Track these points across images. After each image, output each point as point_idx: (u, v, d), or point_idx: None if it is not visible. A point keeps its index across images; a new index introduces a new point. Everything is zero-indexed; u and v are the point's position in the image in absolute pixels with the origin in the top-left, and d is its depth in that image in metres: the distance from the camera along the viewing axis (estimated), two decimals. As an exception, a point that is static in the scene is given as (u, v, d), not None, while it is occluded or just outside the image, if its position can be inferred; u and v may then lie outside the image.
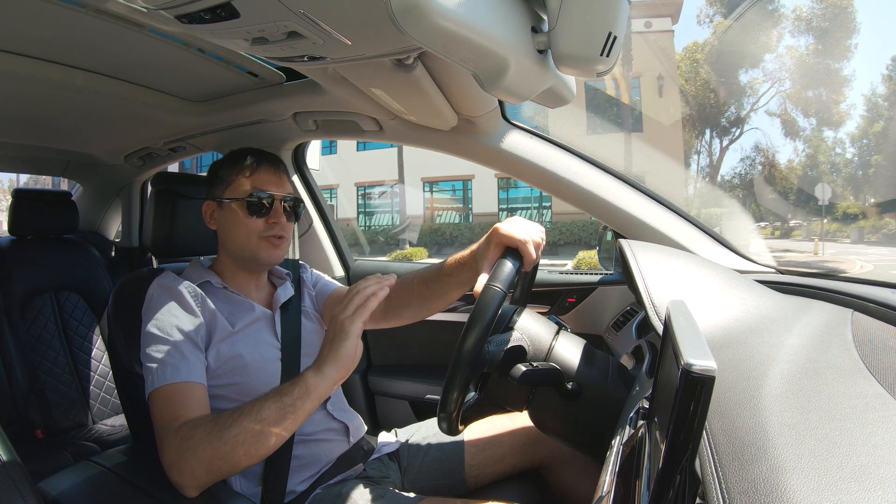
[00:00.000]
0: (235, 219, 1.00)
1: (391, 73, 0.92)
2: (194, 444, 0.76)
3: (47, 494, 0.86)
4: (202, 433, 0.76)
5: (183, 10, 0.69)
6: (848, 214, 15.22)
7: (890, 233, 14.11)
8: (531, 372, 0.79)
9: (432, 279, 1.04)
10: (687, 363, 0.38)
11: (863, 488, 0.35)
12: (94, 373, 1.88)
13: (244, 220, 1.00)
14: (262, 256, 1.02)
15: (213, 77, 1.17)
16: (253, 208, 0.99)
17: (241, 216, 1.00)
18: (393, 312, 1.11)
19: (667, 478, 0.41)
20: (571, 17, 0.65)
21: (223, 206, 1.02)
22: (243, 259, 1.04)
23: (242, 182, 1.01)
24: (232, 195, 1.01)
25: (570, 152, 1.27)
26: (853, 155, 16.57)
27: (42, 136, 1.63)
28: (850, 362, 0.55)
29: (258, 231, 1.00)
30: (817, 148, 16.76)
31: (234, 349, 0.95)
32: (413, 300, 1.08)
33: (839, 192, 15.85)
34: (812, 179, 16.11)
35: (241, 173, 1.02)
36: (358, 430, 1.08)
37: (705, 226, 1.26)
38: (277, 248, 1.03)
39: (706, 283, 0.82)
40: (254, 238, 1.00)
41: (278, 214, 1.01)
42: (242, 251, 1.02)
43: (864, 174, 16.17)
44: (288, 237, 1.06)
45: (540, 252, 0.91)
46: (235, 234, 1.01)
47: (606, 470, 0.63)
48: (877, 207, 15.02)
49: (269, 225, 1.01)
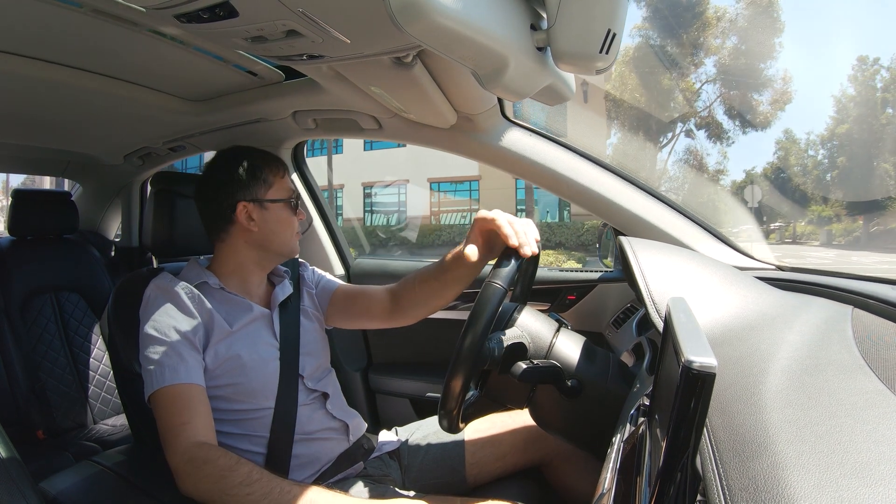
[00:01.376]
0: (282, 218, 1.05)
1: (390, 71, 0.92)
2: (199, 479, 0.78)
3: (47, 493, 0.87)
4: (209, 476, 0.78)
5: (181, 10, 0.69)
6: (822, 218, 15.22)
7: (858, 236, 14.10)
8: (532, 369, 0.79)
9: (431, 277, 1.04)
10: (687, 360, 0.38)
11: (863, 484, 0.35)
12: (94, 373, 1.88)
13: (290, 220, 1.06)
14: (296, 249, 1.09)
15: (212, 76, 1.17)
16: (292, 209, 1.07)
17: (287, 215, 1.05)
18: (399, 312, 1.10)
19: (668, 475, 0.41)
20: (570, 14, 0.65)
21: (267, 207, 1.03)
22: (281, 255, 1.08)
23: (282, 183, 1.06)
24: (276, 196, 1.04)
25: (570, 149, 1.27)
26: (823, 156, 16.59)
27: (42, 136, 1.63)
28: (851, 359, 0.55)
29: (296, 229, 1.08)
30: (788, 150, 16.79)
31: (232, 349, 0.95)
32: (417, 298, 1.08)
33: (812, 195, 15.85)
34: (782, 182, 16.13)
35: (278, 174, 1.06)
36: (358, 428, 1.08)
37: (705, 222, 1.26)
38: (299, 242, 1.11)
39: (706, 280, 0.82)
40: (294, 235, 1.07)
41: (302, 213, 1.10)
42: (286, 247, 1.07)
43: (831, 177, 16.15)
44: None
45: (539, 245, 0.90)
46: (283, 233, 1.05)
47: (607, 467, 0.64)
48: (845, 210, 15.03)
49: (299, 223, 1.09)
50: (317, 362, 1.07)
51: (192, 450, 0.80)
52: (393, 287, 1.12)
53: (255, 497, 0.75)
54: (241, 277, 1.05)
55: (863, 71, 15.66)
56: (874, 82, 15.53)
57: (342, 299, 1.16)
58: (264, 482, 0.77)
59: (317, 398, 1.04)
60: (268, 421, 0.96)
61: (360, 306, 1.14)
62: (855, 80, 15.99)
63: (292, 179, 1.11)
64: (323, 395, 1.05)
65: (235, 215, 1.01)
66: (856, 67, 15.92)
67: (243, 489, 0.75)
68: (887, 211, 14.33)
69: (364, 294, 1.15)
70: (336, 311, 1.16)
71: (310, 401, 1.02)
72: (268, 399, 0.96)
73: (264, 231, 1.03)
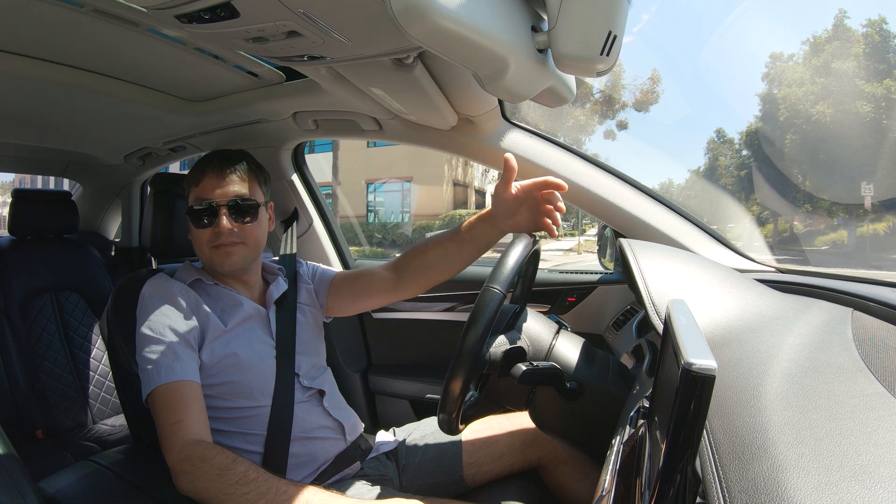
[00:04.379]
0: (191, 231, 1.01)
1: (391, 72, 0.92)
2: (196, 477, 0.77)
3: (45, 492, 0.87)
4: (206, 476, 0.77)
5: (182, 10, 0.69)
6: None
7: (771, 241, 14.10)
8: (531, 371, 0.79)
9: (449, 239, 1.04)
10: (687, 362, 0.38)
11: (863, 487, 0.35)
12: (94, 373, 1.88)
13: (194, 232, 1.00)
14: (217, 265, 1.01)
15: (213, 77, 1.17)
16: (196, 220, 0.99)
17: (191, 228, 1.01)
18: (405, 281, 1.09)
19: (667, 477, 0.41)
20: (571, 16, 0.65)
21: (188, 217, 1.02)
22: (212, 271, 1.04)
23: (191, 192, 1.01)
24: (189, 205, 1.01)
25: (571, 151, 1.27)
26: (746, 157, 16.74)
27: (42, 136, 1.63)
28: (851, 361, 0.55)
29: (207, 241, 0.99)
30: (717, 151, 16.91)
31: (228, 347, 0.95)
32: (428, 262, 1.07)
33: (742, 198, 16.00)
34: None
35: (191, 184, 1.01)
36: (354, 428, 1.08)
37: (705, 225, 1.26)
38: (230, 255, 1.00)
39: (706, 283, 0.82)
40: (206, 249, 1.00)
41: (220, 222, 0.97)
42: (203, 260, 1.03)
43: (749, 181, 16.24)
44: (246, 241, 1.01)
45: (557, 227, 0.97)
46: (195, 244, 1.02)
47: (607, 469, 0.63)
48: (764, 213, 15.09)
49: (214, 234, 0.99)
50: (312, 360, 1.07)
51: (189, 448, 0.80)
52: (394, 260, 1.12)
53: (251, 497, 0.75)
54: (229, 280, 1.05)
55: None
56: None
57: (342, 283, 1.16)
58: (261, 482, 0.76)
59: (313, 395, 1.04)
60: (265, 419, 0.96)
61: (363, 284, 1.14)
62: (767, 76, 16.10)
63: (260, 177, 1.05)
64: (319, 392, 1.05)
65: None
66: (769, 65, 16.11)
67: (240, 488, 0.75)
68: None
69: (364, 272, 1.14)
70: (338, 296, 1.15)
71: (306, 398, 1.02)
72: (265, 397, 0.97)
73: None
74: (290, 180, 1.64)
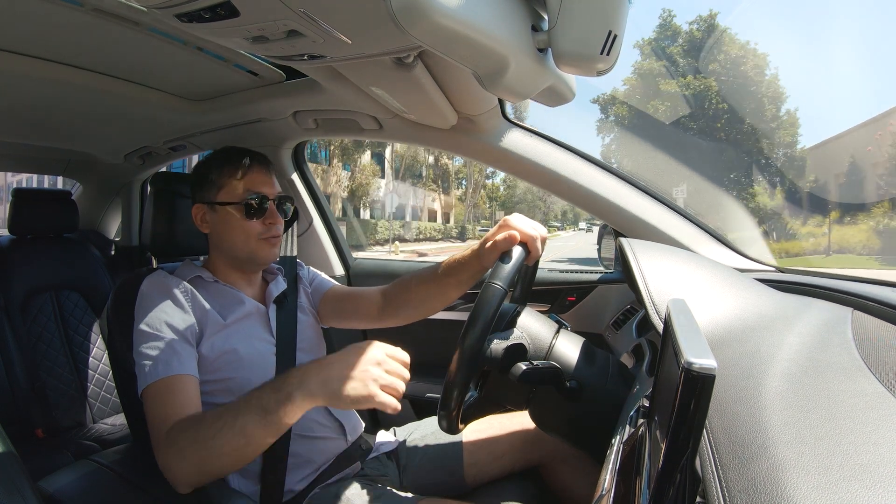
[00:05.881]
0: (232, 222, 1.00)
1: (391, 71, 0.92)
2: (181, 447, 0.75)
3: (45, 491, 0.87)
4: (188, 439, 0.75)
5: (182, 9, 0.69)
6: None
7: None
8: (531, 370, 0.79)
9: (430, 279, 1.04)
10: (687, 362, 0.38)
11: (863, 487, 0.35)
12: (94, 372, 1.88)
13: (241, 223, 1.00)
14: (261, 257, 1.02)
15: (213, 76, 1.17)
16: (250, 211, 1.00)
17: (237, 219, 1.00)
18: (389, 312, 1.11)
19: (667, 476, 0.41)
20: (572, 15, 0.65)
21: (216, 209, 1.01)
22: (240, 260, 1.04)
23: (235, 185, 1.00)
24: (226, 199, 1.00)
25: (571, 150, 1.27)
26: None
27: (42, 135, 1.63)
28: (851, 361, 0.55)
29: (257, 233, 1.01)
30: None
31: (228, 343, 0.95)
32: (412, 300, 1.08)
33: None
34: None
35: (233, 176, 1.01)
36: (355, 428, 1.08)
37: (705, 224, 1.26)
38: (274, 247, 1.04)
39: (706, 282, 0.82)
40: (252, 240, 1.01)
41: (274, 215, 1.02)
42: (240, 252, 1.02)
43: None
44: (281, 235, 1.06)
45: (543, 247, 0.93)
46: (232, 237, 1.01)
47: (606, 468, 0.63)
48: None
49: (266, 226, 1.01)
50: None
51: (168, 433, 0.78)
52: (386, 288, 1.12)
53: (227, 419, 0.73)
54: (230, 276, 1.05)
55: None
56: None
57: (332, 300, 1.16)
58: (230, 405, 0.75)
59: None
60: None
61: (350, 307, 1.14)
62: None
63: (273, 181, 1.05)
64: None
65: (193, 217, 1.03)
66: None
67: (216, 423, 0.73)
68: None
69: (354, 295, 1.15)
70: (327, 310, 1.17)
71: None
72: None
73: (215, 234, 1.03)
74: (291, 179, 1.65)
